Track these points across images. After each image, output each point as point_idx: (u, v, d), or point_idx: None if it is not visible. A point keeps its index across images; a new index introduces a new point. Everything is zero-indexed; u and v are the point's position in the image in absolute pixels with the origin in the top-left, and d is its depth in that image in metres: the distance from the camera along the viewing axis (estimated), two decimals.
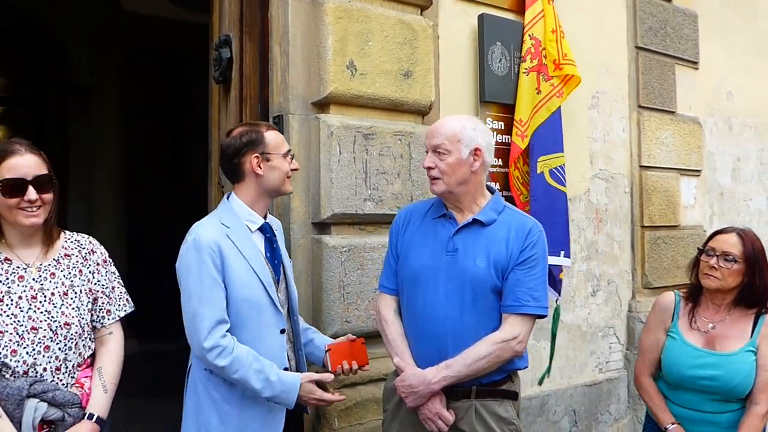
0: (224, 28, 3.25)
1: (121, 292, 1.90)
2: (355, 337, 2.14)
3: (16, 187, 1.65)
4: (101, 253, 1.89)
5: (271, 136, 1.96)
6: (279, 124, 2.54)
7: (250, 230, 1.95)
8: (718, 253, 2.11)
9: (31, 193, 1.66)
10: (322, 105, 2.52)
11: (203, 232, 1.85)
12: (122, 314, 1.89)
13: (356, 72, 2.52)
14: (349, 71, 2.50)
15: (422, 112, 2.75)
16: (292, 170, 2.01)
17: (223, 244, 1.84)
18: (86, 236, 1.89)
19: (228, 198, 1.99)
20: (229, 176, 2.00)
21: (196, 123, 7.43)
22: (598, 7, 3.64)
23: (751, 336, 2.09)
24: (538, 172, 3.06)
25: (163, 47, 7.73)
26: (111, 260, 1.92)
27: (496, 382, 1.93)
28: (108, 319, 1.84)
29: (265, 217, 2.02)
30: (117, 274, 1.92)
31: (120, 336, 1.88)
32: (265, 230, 2.00)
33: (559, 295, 3.14)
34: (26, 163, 1.67)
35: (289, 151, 2.01)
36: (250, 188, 1.95)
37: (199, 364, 1.89)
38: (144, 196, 7.87)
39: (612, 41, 3.71)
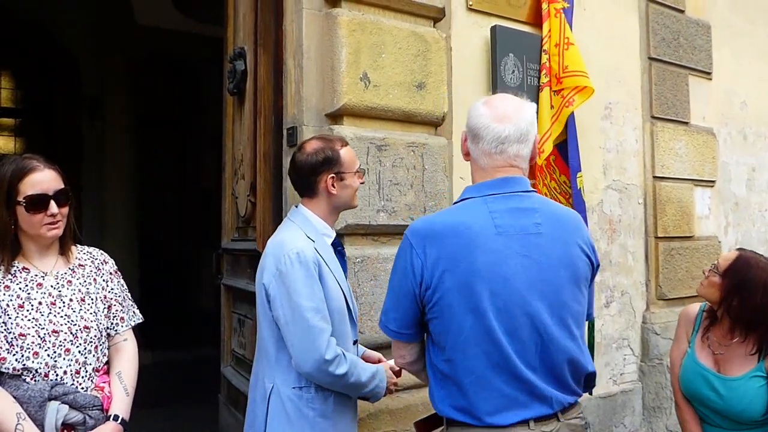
0: (239, 41, 3.29)
1: (131, 303, 1.95)
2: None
3: (39, 202, 1.68)
4: (112, 264, 1.94)
5: (346, 155, 1.94)
6: (293, 136, 2.56)
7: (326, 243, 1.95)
8: (713, 264, 2.12)
9: (53, 207, 1.70)
10: (336, 116, 2.54)
11: (302, 245, 1.83)
12: (133, 323, 1.93)
13: (370, 84, 2.54)
14: (362, 83, 2.52)
15: (435, 124, 2.76)
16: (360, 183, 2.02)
17: (317, 257, 1.84)
18: (97, 249, 1.94)
19: (298, 209, 1.97)
20: (300, 191, 1.99)
21: (205, 130, 7.55)
22: (611, 18, 3.64)
23: (759, 360, 2.03)
24: (579, 187, 3.09)
25: (171, 57, 7.85)
26: (120, 273, 1.96)
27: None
28: (122, 326, 1.88)
29: None
30: (126, 287, 1.95)
31: (134, 343, 1.92)
32: (336, 243, 2.00)
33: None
34: (46, 179, 1.71)
35: (360, 166, 2.01)
36: (321, 204, 1.94)
37: (286, 383, 1.83)
38: (155, 202, 7.97)
39: (625, 52, 3.71)
